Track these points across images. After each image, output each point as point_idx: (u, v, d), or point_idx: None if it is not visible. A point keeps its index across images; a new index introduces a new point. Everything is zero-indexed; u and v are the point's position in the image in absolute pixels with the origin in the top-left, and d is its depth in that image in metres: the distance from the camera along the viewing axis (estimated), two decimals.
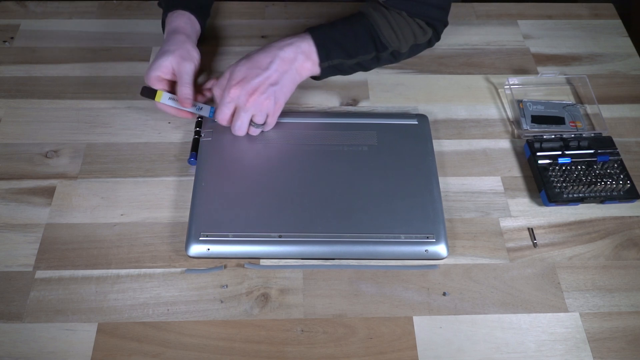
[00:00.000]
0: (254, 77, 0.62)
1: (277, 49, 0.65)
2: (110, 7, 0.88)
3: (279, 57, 0.64)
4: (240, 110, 0.63)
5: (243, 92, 0.62)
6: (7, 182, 0.66)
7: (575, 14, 0.90)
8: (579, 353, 0.56)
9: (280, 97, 0.65)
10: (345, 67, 0.72)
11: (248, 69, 0.63)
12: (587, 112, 0.76)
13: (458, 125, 0.75)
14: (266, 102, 0.64)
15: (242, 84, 0.62)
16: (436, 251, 0.60)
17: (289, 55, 0.65)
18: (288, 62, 0.65)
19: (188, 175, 0.68)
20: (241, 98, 0.62)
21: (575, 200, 0.65)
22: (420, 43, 0.74)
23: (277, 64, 0.64)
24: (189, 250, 0.59)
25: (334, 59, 0.69)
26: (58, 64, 0.79)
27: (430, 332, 0.57)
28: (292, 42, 0.66)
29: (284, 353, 0.55)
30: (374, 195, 0.63)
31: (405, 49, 0.73)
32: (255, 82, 0.62)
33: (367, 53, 0.71)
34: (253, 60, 0.64)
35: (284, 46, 0.65)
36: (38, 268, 0.60)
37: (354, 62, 0.71)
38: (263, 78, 0.63)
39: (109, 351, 0.55)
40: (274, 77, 0.64)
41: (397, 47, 0.72)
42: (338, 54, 0.69)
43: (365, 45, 0.70)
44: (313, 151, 0.67)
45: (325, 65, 0.69)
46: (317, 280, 0.60)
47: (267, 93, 0.63)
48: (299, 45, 0.66)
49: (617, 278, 0.61)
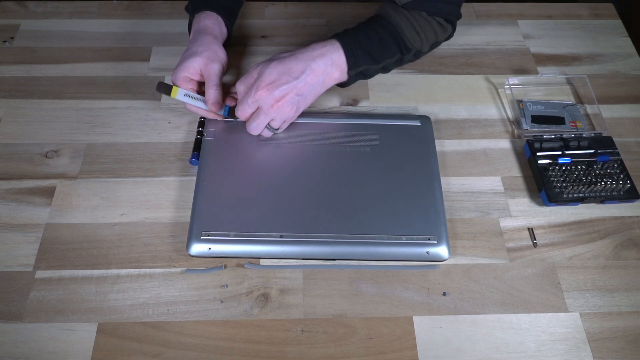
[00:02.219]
0: (283, 83, 0.62)
1: (310, 59, 0.64)
2: (110, 7, 0.88)
3: (310, 68, 0.64)
4: (261, 112, 0.63)
5: (270, 97, 0.62)
6: (7, 182, 0.66)
7: (575, 14, 0.90)
8: (579, 353, 0.56)
9: (301, 106, 0.66)
10: (370, 72, 0.72)
11: (279, 73, 0.62)
12: (587, 112, 0.76)
13: (458, 125, 0.75)
14: (288, 109, 0.64)
15: (271, 88, 0.62)
16: (437, 253, 0.60)
17: (320, 67, 0.65)
18: (318, 74, 0.65)
19: (188, 176, 0.68)
20: (267, 101, 0.62)
21: (575, 200, 0.65)
22: (440, 40, 0.75)
23: (307, 74, 0.64)
24: (190, 249, 0.59)
25: (362, 65, 0.69)
26: (58, 64, 0.79)
27: (430, 332, 0.57)
28: (324, 53, 0.65)
29: (284, 353, 0.55)
30: (376, 196, 0.63)
31: (427, 47, 0.73)
32: (283, 89, 0.62)
33: (392, 56, 0.71)
34: (286, 66, 0.63)
35: (317, 57, 0.65)
36: (38, 268, 0.60)
37: (379, 67, 0.71)
38: (292, 86, 0.63)
39: (109, 351, 0.55)
40: (302, 88, 0.64)
41: (420, 47, 0.72)
42: (365, 60, 0.69)
43: (390, 48, 0.70)
44: (315, 151, 0.67)
45: (353, 72, 0.69)
46: (317, 280, 0.60)
47: (292, 102, 0.63)
48: (330, 56, 0.66)
49: (617, 278, 0.61)
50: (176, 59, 0.80)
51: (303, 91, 0.64)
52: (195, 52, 0.67)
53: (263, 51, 0.82)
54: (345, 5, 0.90)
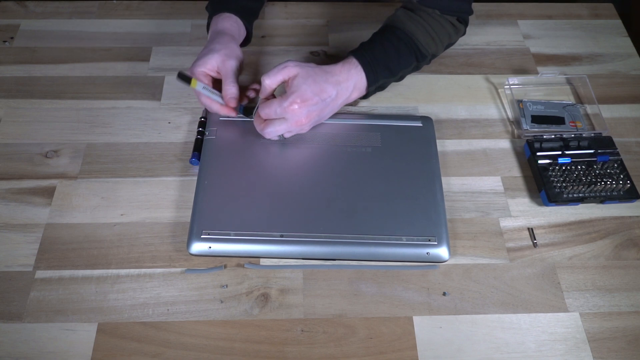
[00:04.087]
0: (314, 104, 0.63)
1: (338, 84, 0.65)
2: (110, 7, 0.88)
3: (338, 93, 0.66)
4: (284, 123, 0.64)
5: (300, 114, 0.63)
6: (7, 182, 0.66)
7: (575, 14, 0.90)
8: (579, 353, 0.56)
9: (317, 123, 0.68)
10: (387, 84, 0.73)
11: (313, 93, 0.63)
12: (587, 112, 0.76)
13: (458, 125, 0.75)
14: (307, 127, 0.66)
15: (303, 106, 0.63)
16: (438, 254, 0.60)
17: (345, 93, 0.67)
18: (342, 98, 0.67)
19: (188, 175, 0.68)
20: (294, 117, 0.63)
21: (575, 200, 0.65)
22: (454, 41, 0.75)
23: (333, 99, 0.65)
24: (191, 248, 0.59)
25: (380, 80, 0.70)
26: (58, 64, 0.79)
27: (430, 332, 0.57)
28: (349, 78, 0.67)
29: (284, 353, 0.55)
30: (377, 197, 0.63)
31: (441, 51, 0.74)
32: (312, 110, 0.64)
33: (408, 66, 0.72)
34: (319, 87, 0.64)
35: (343, 82, 0.66)
36: (38, 268, 0.60)
37: (396, 78, 0.72)
38: (319, 109, 0.65)
39: (109, 351, 0.55)
40: (325, 110, 0.66)
41: (435, 51, 0.73)
42: (384, 75, 0.70)
43: (407, 58, 0.70)
44: (316, 151, 0.67)
45: (372, 89, 0.70)
46: (317, 280, 0.60)
47: (312, 121, 0.66)
48: (354, 81, 0.67)
49: (617, 278, 0.61)
50: (176, 58, 0.81)
51: (325, 113, 0.67)
52: (213, 49, 0.67)
53: (263, 51, 0.82)
54: (345, 5, 0.90)
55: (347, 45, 0.84)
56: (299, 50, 0.83)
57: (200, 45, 0.82)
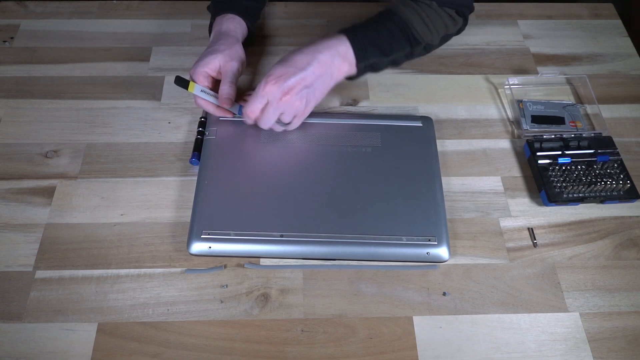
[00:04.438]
0: (290, 76, 0.62)
1: (316, 51, 0.65)
2: (110, 7, 0.88)
3: (316, 59, 0.64)
4: (270, 107, 0.63)
5: (278, 90, 0.62)
6: (7, 182, 0.66)
7: (575, 14, 0.90)
8: (579, 353, 0.56)
9: (311, 99, 0.66)
10: (380, 65, 0.72)
11: (285, 67, 0.63)
12: (587, 112, 0.76)
13: (458, 125, 0.75)
14: (297, 103, 0.64)
15: (279, 82, 0.62)
16: (438, 254, 0.60)
17: (327, 58, 0.65)
18: (325, 65, 0.65)
19: (188, 176, 0.68)
20: (275, 95, 0.62)
21: (575, 200, 0.65)
22: (451, 33, 0.75)
23: (314, 65, 0.64)
24: (191, 247, 0.59)
25: (370, 58, 0.69)
26: (58, 64, 0.79)
27: (430, 332, 0.57)
28: (330, 46, 0.66)
29: (284, 353, 0.55)
30: (377, 197, 0.63)
31: (437, 40, 0.74)
32: (291, 82, 0.62)
33: (401, 49, 0.71)
34: (291, 60, 0.63)
35: (323, 49, 0.65)
36: (38, 268, 0.60)
37: (388, 60, 0.72)
38: (299, 78, 0.63)
39: (109, 351, 0.55)
40: (309, 79, 0.64)
41: (430, 40, 0.72)
42: (374, 53, 0.69)
43: (400, 41, 0.70)
44: (317, 151, 0.67)
45: (362, 65, 0.69)
46: (317, 280, 0.60)
47: (300, 94, 0.64)
48: (336, 48, 0.66)
49: (617, 278, 0.61)
50: (176, 58, 0.81)
51: (311, 82, 0.64)
52: (216, 50, 0.67)
53: (263, 51, 0.82)
54: (345, 5, 0.90)
55: None
56: None
57: (200, 45, 0.82)
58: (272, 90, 0.62)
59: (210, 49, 0.68)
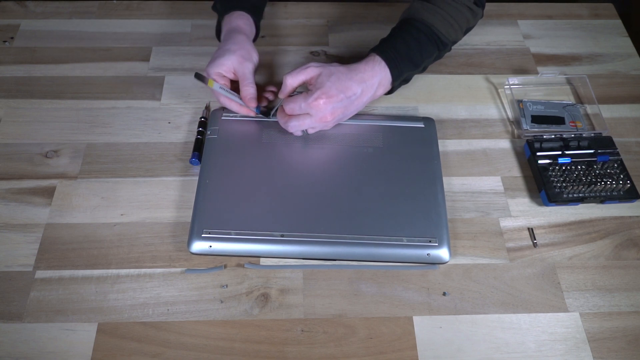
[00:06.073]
0: (339, 101, 0.64)
1: (363, 82, 0.65)
2: (110, 7, 0.88)
3: (363, 90, 0.66)
4: (308, 118, 0.64)
5: (325, 110, 0.64)
6: (7, 182, 0.66)
7: (575, 14, 0.90)
8: (579, 353, 0.56)
9: (341, 120, 0.68)
10: (411, 76, 0.73)
11: (338, 90, 0.63)
12: (587, 112, 0.76)
13: (458, 125, 0.75)
14: (331, 123, 0.67)
15: (328, 103, 0.63)
16: (438, 255, 0.60)
17: (369, 91, 0.67)
18: (367, 95, 0.67)
19: (188, 175, 0.68)
20: (319, 113, 0.64)
21: (575, 200, 0.65)
22: (472, 25, 0.75)
23: (358, 97, 0.66)
24: (191, 246, 0.59)
25: (404, 74, 0.70)
26: (58, 64, 0.79)
27: (430, 332, 0.57)
28: (374, 76, 0.67)
29: (284, 353, 0.55)
30: (378, 197, 0.63)
31: (462, 36, 0.74)
32: (337, 107, 0.64)
33: (430, 56, 0.71)
34: (343, 85, 0.64)
35: (368, 79, 0.66)
36: (38, 268, 0.60)
37: (420, 70, 0.72)
38: (344, 106, 0.65)
39: (109, 351, 0.55)
40: (350, 108, 0.66)
41: (455, 38, 0.73)
42: (407, 67, 0.69)
43: (428, 49, 0.70)
44: (318, 151, 0.67)
45: (397, 83, 0.70)
46: (317, 280, 0.60)
47: (337, 118, 0.66)
48: (379, 78, 0.67)
49: (617, 278, 0.61)
50: (176, 58, 0.81)
51: (350, 110, 0.67)
52: (229, 50, 0.67)
53: (263, 51, 0.82)
54: (345, 5, 0.90)
55: (347, 45, 0.84)
56: (299, 50, 0.83)
57: (200, 46, 0.82)
58: (320, 108, 0.63)
59: (222, 50, 0.68)
